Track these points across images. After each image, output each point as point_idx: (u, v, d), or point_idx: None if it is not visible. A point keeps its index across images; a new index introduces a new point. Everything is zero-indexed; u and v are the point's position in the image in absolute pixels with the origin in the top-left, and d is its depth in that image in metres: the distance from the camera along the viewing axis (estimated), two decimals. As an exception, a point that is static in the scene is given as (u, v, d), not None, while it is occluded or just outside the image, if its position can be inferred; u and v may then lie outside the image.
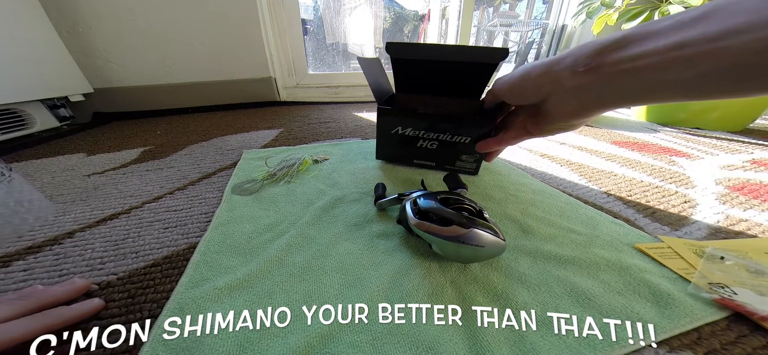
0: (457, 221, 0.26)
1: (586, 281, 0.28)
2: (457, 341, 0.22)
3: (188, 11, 0.97)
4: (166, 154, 0.65)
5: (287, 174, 0.50)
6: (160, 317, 0.24)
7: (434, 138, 0.47)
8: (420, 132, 0.47)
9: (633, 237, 0.34)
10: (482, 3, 1.58)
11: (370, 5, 1.41)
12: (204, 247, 0.33)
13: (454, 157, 0.48)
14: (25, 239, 0.35)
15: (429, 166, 0.51)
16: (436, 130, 0.46)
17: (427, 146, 0.48)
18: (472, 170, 0.49)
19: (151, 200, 0.45)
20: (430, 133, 0.47)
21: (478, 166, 0.48)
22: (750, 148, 0.66)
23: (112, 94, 1.03)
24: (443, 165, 0.50)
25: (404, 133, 0.48)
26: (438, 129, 0.46)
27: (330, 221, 0.38)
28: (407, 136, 0.48)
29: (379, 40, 1.50)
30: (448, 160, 0.49)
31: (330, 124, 0.89)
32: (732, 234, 0.36)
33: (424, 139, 0.47)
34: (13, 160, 0.64)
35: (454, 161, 0.48)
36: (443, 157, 0.49)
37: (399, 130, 0.48)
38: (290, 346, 0.22)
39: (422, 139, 0.48)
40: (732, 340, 0.23)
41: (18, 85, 0.77)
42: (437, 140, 0.47)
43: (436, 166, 0.50)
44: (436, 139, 0.47)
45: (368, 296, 0.26)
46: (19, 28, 0.77)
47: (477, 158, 0.47)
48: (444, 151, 0.48)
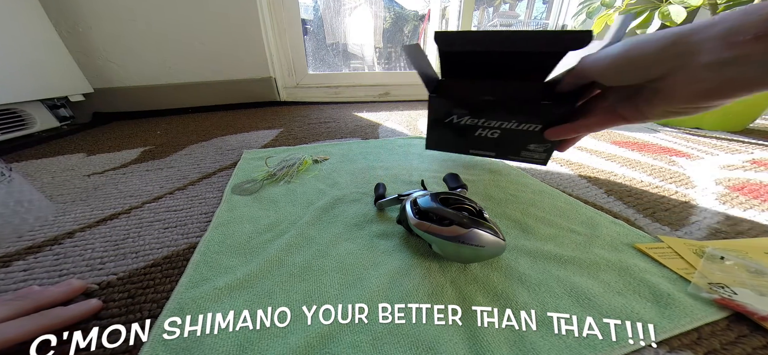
0: (457, 221, 0.26)
1: (586, 281, 0.28)
2: (457, 341, 0.22)
3: (188, 11, 0.97)
4: (166, 154, 0.65)
5: (287, 174, 0.50)
6: (160, 317, 0.24)
7: (496, 126, 0.43)
8: (479, 120, 0.43)
9: (633, 237, 0.34)
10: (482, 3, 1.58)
11: (370, 5, 1.41)
12: (204, 247, 0.33)
13: (520, 146, 0.44)
14: (25, 239, 0.35)
15: (488, 156, 0.48)
16: (499, 118, 0.42)
17: (487, 135, 0.45)
18: (542, 160, 0.45)
19: (151, 200, 0.45)
20: (491, 122, 0.43)
21: (548, 156, 0.44)
22: (750, 148, 0.66)
23: (112, 94, 1.03)
24: (506, 155, 0.47)
25: (460, 122, 0.44)
26: (502, 116, 0.42)
27: (330, 221, 0.38)
28: (464, 125, 0.44)
29: (379, 40, 1.50)
30: (512, 149, 0.45)
31: (330, 124, 0.89)
32: (732, 234, 0.36)
33: (484, 127, 0.44)
34: (13, 160, 0.64)
35: (519, 151, 0.45)
36: (506, 147, 0.45)
37: (454, 119, 0.44)
38: (290, 346, 0.22)
39: (482, 128, 0.44)
40: (732, 340, 0.23)
41: (18, 85, 0.77)
42: (499, 129, 0.43)
43: (497, 156, 0.47)
44: (498, 128, 0.43)
45: (368, 296, 0.26)
46: (19, 28, 0.77)
47: (548, 148, 0.43)
48: (507, 140, 0.44)
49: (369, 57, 1.53)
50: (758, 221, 0.38)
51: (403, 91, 1.37)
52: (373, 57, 1.53)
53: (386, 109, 1.15)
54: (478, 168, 0.55)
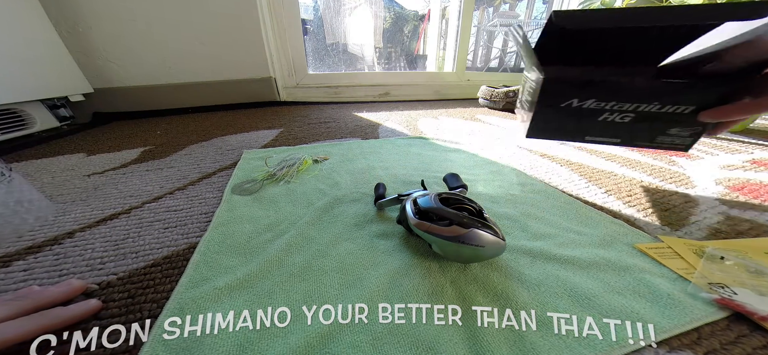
0: (457, 221, 0.26)
1: (586, 281, 0.28)
2: (457, 341, 0.22)
3: (188, 11, 0.97)
4: (166, 154, 0.65)
5: (287, 174, 0.50)
6: (160, 317, 0.24)
7: (631, 109, 0.38)
8: (607, 103, 0.38)
9: (633, 237, 0.34)
10: (482, 3, 1.58)
11: (370, 5, 1.41)
12: (204, 247, 0.33)
13: (658, 131, 0.39)
14: (25, 239, 0.35)
15: (610, 143, 0.43)
16: (635, 100, 0.37)
17: (615, 119, 0.40)
18: (685, 146, 0.40)
19: (151, 200, 0.45)
20: (624, 104, 0.38)
21: (694, 141, 0.39)
22: (750, 148, 0.66)
23: (112, 94, 1.03)
24: (634, 141, 0.42)
25: (582, 106, 0.40)
26: (639, 98, 0.37)
27: (330, 221, 0.38)
28: (587, 108, 0.40)
29: (379, 40, 1.50)
30: (646, 135, 0.40)
31: (330, 124, 0.89)
32: (732, 234, 0.36)
33: (612, 111, 0.39)
34: (13, 160, 0.64)
35: (655, 136, 0.40)
36: (637, 132, 0.40)
37: (574, 103, 0.40)
38: (290, 346, 0.22)
39: (609, 112, 0.39)
40: (732, 340, 0.23)
41: (18, 85, 0.77)
42: (634, 112, 0.38)
43: (622, 143, 0.42)
44: (631, 111, 0.38)
45: (368, 296, 0.26)
46: (19, 28, 0.77)
47: (697, 131, 0.38)
48: (641, 124, 0.39)
49: (369, 57, 1.53)
50: (758, 221, 0.38)
51: (403, 91, 1.37)
52: (373, 57, 1.53)
53: (386, 109, 1.15)
54: (478, 168, 0.55)
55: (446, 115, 1.03)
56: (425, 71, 1.53)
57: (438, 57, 1.50)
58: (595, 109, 0.40)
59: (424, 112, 1.08)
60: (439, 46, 1.49)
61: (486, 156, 0.61)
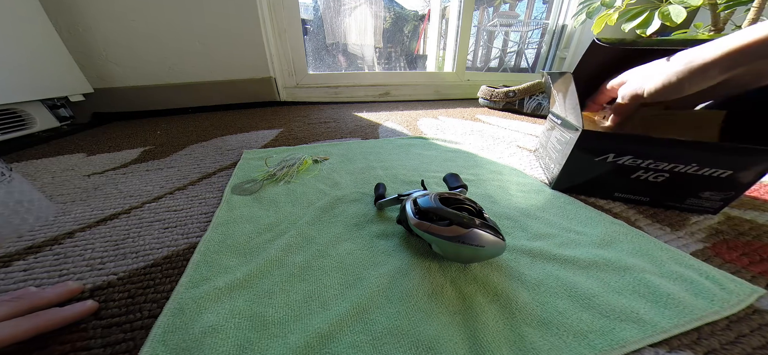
0: (457, 221, 0.26)
1: (586, 281, 0.28)
2: (457, 341, 0.22)
3: (188, 11, 0.97)
4: (166, 154, 0.65)
5: (287, 174, 0.50)
6: (160, 317, 0.24)
7: (666, 169, 0.37)
8: (643, 161, 0.38)
9: (632, 237, 0.34)
10: (482, 3, 1.58)
11: (370, 5, 1.41)
12: (204, 247, 0.33)
13: (689, 192, 0.39)
14: (25, 239, 0.35)
15: (640, 202, 0.42)
16: (672, 160, 0.37)
17: (648, 178, 0.39)
18: (714, 210, 0.39)
19: (151, 200, 0.45)
20: (660, 164, 0.37)
21: (724, 205, 0.38)
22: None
23: (112, 94, 1.03)
24: (664, 202, 0.41)
25: (616, 162, 0.39)
26: (677, 158, 0.36)
27: (330, 221, 0.38)
28: (622, 165, 0.39)
29: (379, 40, 1.50)
30: (677, 195, 0.39)
31: (330, 124, 0.89)
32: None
33: (647, 169, 0.38)
34: (13, 160, 0.64)
35: (685, 198, 0.39)
36: (668, 192, 0.40)
37: (609, 158, 0.39)
38: (290, 346, 0.22)
39: (644, 170, 0.39)
40: (732, 340, 0.23)
41: (18, 85, 0.77)
42: (669, 172, 0.38)
43: (651, 203, 0.41)
44: (667, 171, 0.38)
45: (368, 295, 0.26)
46: (19, 28, 0.77)
47: (730, 196, 0.37)
48: (674, 184, 0.38)
49: (369, 57, 1.53)
50: (758, 221, 0.38)
51: (403, 91, 1.37)
52: (373, 57, 1.53)
53: (386, 109, 1.15)
54: (478, 168, 0.55)
55: (446, 115, 1.03)
56: (425, 71, 1.53)
57: (438, 57, 1.50)
58: (629, 166, 0.39)
59: (424, 112, 1.08)
60: (439, 46, 1.49)
61: (486, 156, 0.61)
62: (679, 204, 0.40)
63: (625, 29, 0.88)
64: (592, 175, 0.42)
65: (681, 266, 0.30)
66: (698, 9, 0.80)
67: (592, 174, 0.42)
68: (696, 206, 0.40)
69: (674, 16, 0.74)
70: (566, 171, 0.44)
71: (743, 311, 0.25)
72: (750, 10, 0.74)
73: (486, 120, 0.96)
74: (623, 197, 0.42)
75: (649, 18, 0.82)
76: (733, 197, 0.37)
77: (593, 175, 0.42)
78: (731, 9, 0.78)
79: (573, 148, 0.41)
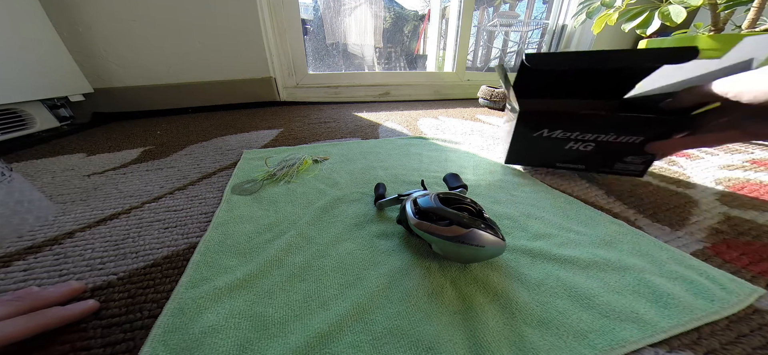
0: (457, 221, 0.26)
1: (586, 281, 0.28)
2: (457, 341, 0.22)
3: (188, 11, 0.97)
4: (166, 154, 0.65)
5: (287, 174, 0.50)
6: (160, 317, 0.24)
7: (591, 139, 0.44)
8: (572, 133, 0.44)
9: (632, 237, 0.34)
10: (482, 3, 1.58)
11: (370, 5, 1.41)
12: (204, 247, 0.33)
13: (614, 158, 0.45)
14: (25, 239, 0.35)
15: (576, 169, 0.48)
16: (595, 131, 0.43)
17: (579, 148, 0.45)
18: (638, 173, 0.45)
19: (151, 199, 0.45)
20: (585, 135, 0.44)
21: (646, 167, 0.44)
22: (750, 148, 0.66)
23: (112, 94, 1.03)
24: (596, 168, 0.47)
25: (551, 136, 0.45)
26: (598, 129, 0.43)
27: (330, 221, 0.38)
28: (555, 138, 0.45)
29: (379, 40, 1.50)
30: (605, 162, 0.46)
31: (330, 124, 0.89)
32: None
33: (576, 140, 0.45)
34: (13, 160, 0.64)
35: (613, 163, 0.45)
36: (598, 160, 0.46)
37: (544, 133, 0.46)
38: (290, 346, 0.22)
39: (574, 141, 0.45)
40: (732, 340, 0.23)
41: (18, 85, 0.77)
42: (594, 142, 0.44)
43: (587, 169, 0.48)
44: (592, 141, 0.44)
45: (368, 295, 0.26)
46: (19, 28, 0.77)
47: (648, 159, 0.43)
48: (601, 152, 0.45)
49: (369, 57, 1.53)
50: (758, 221, 0.38)
51: (403, 91, 1.37)
52: (373, 57, 1.53)
53: (386, 109, 1.15)
54: (479, 168, 0.55)
55: (446, 115, 1.03)
56: (425, 71, 1.53)
57: (438, 57, 1.50)
58: (561, 139, 0.46)
59: (423, 112, 1.08)
60: (439, 46, 1.49)
61: (486, 156, 0.61)
62: (609, 169, 0.46)
63: (625, 29, 0.88)
64: (534, 150, 0.49)
65: (681, 266, 0.30)
66: (698, 9, 0.80)
67: (534, 148, 0.49)
68: (623, 170, 0.46)
69: (674, 16, 0.74)
70: (513, 147, 0.51)
71: (743, 311, 0.25)
72: (750, 10, 0.74)
73: (486, 120, 0.96)
74: (563, 166, 0.49)
75: (649, 18, 0.82)
76: (650, 159, 0.44)
77: (535, 150, 0.49)
78: (731, 9, 0.78)
79: (514, 126, 0.48)
